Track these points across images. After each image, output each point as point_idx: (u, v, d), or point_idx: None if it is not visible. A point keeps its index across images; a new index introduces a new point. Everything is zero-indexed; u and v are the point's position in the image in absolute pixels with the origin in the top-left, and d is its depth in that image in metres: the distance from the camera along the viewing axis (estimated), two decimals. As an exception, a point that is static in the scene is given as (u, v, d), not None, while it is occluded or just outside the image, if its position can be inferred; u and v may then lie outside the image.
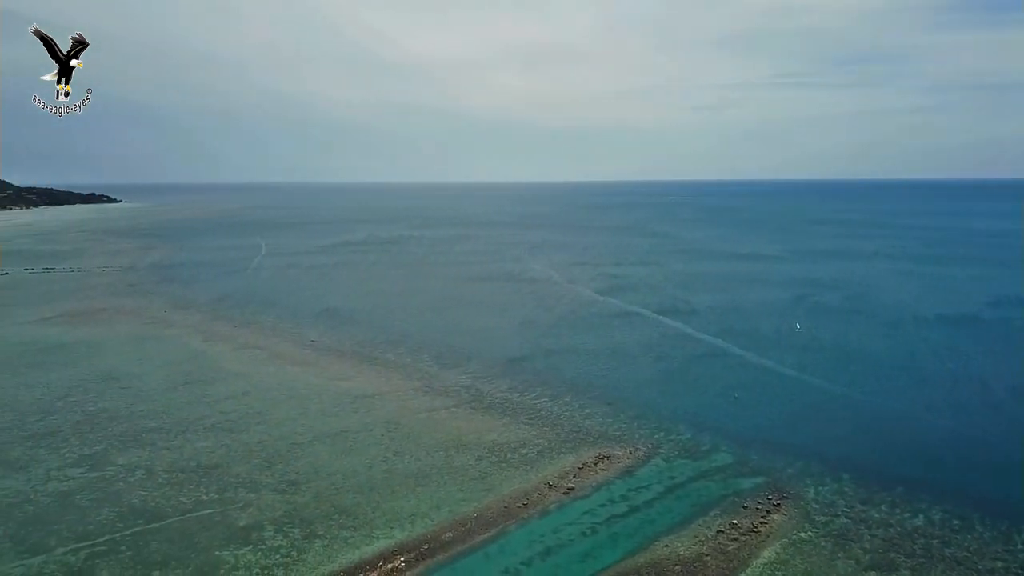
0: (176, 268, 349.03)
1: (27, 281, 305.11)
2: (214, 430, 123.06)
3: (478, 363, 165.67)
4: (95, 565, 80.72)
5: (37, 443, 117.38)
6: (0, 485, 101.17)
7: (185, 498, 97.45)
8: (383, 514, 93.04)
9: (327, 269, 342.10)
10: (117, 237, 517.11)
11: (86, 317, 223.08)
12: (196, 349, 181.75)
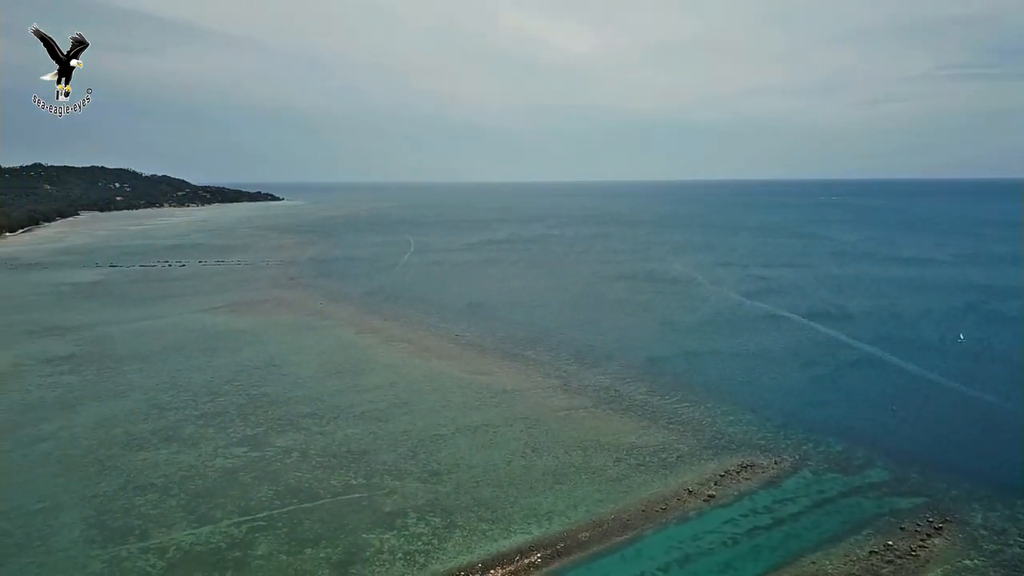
0: (332, 263, 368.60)
1: (201, 273, 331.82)
2: (363, 418, 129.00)
3: (617, 363, 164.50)
4: (255, 539, 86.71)
5: (207, 422, 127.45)
6: (176, 459, 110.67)
7: (336, 481, 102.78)
8: (521, 509, 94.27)
9: (471, 266, 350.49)
10: (279, 233, 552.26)
11: (251, 307, 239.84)
12: (348, 340, 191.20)
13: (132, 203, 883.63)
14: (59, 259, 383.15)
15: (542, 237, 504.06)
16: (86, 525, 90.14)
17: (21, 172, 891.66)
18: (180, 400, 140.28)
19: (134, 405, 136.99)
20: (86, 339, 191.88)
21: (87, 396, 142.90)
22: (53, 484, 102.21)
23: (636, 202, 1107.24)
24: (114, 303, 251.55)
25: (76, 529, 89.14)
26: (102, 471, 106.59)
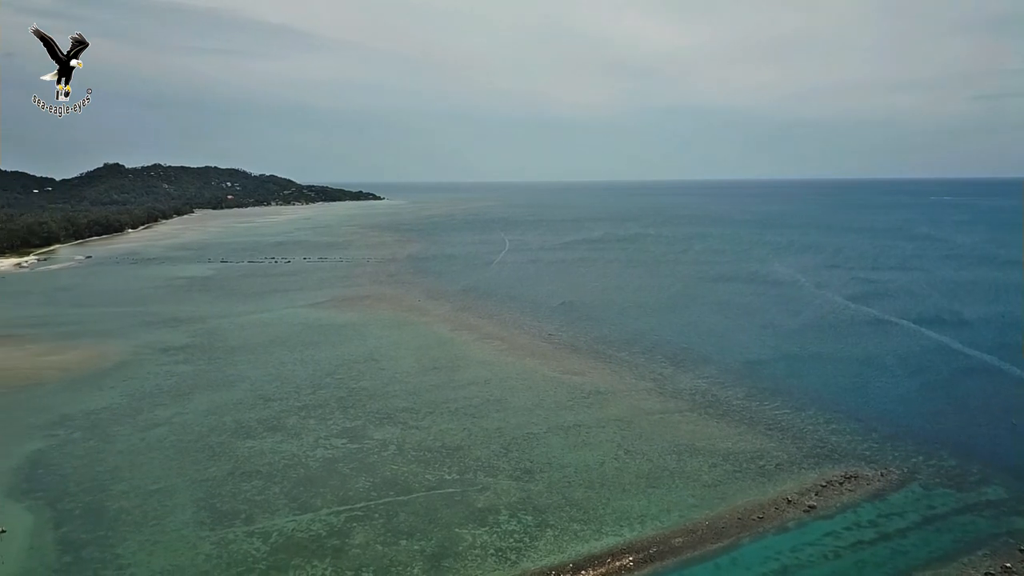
0: (429, 260, 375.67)
1: (305, 269, 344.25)
2: (458, 414, 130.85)
3: (715, 366, 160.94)
4: (352, 528, 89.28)
5: (309, 414, 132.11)
6: (279, 448, 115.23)
7: (430, 475, 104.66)
8: (613, 511, 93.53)
9: (566, 265, 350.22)
10: (379, 231, 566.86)
11: (351, 303, 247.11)
12: (444, 337, 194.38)
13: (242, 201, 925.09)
14: (175, 254, 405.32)
15: (639, 236, 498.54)
16: (197, 507, 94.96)
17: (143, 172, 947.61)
18: (284, 391, 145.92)
19: (242, 395, 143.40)
20: (199, 331, 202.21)
21: (199, 385, 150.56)
22: (167, 467, 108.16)
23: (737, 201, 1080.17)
24: (225, 297, 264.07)
25: (188, 511, 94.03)
26: (212, 457, 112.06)
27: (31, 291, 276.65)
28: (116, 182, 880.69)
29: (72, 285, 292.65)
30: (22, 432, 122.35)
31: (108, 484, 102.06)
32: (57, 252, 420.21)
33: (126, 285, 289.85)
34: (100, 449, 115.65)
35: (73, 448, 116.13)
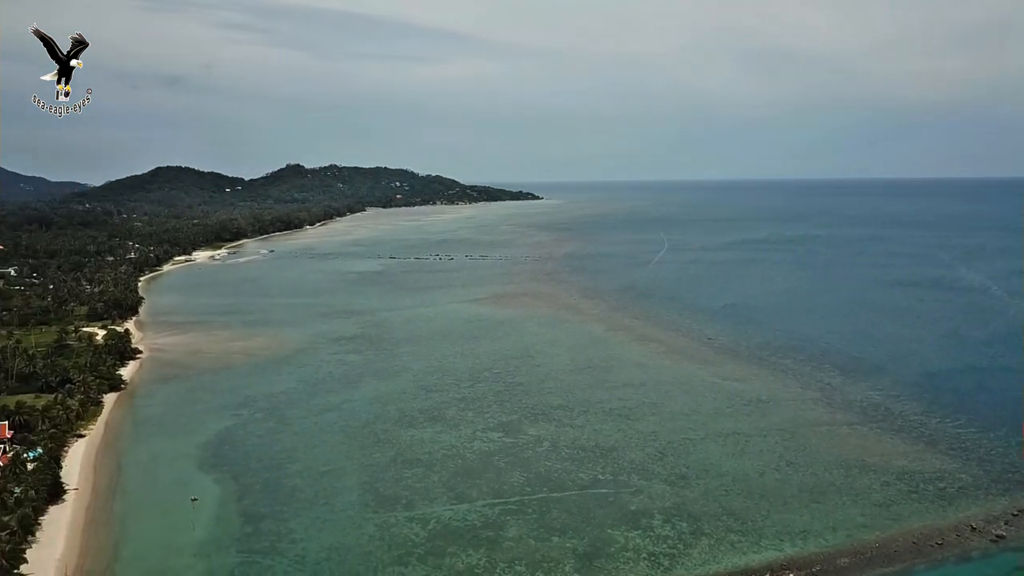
0: (586, 259, 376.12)
1: (467, 266, 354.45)
2: (612, 415, 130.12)
3: (889, 377, 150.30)
4: (506, 521, 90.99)
5: (467, 406, 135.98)
6: (439, 439, 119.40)
7: (584, 474, 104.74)
8: (773, 524, 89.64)
9: (728, 266, 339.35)
10: (537, 230, 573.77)
11: (510, 300, 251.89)
12: (599, 336, 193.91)
13: (409, 200, 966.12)
14: (348, 250, 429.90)
15: (808, 238, 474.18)
16: (362, 490, 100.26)
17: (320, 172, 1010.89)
18: (445, 383, 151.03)
19: (405, 385, 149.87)
20: (368, 323, 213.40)
21: (367, 374, 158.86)
22: (336, 450, 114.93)
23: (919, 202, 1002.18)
24: (392, 291, 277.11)
25: (354, 493, 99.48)
26: (377, 443, 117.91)
27: (222, 282, 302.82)
28: (297, 182, 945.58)
29: (257, 277, 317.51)
30: (213, 411, 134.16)
31: (284, 463, 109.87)
32: (245, 246, 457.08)
33: (304, 278, 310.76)
34: (278, 430, 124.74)
35: (255, 428, 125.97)
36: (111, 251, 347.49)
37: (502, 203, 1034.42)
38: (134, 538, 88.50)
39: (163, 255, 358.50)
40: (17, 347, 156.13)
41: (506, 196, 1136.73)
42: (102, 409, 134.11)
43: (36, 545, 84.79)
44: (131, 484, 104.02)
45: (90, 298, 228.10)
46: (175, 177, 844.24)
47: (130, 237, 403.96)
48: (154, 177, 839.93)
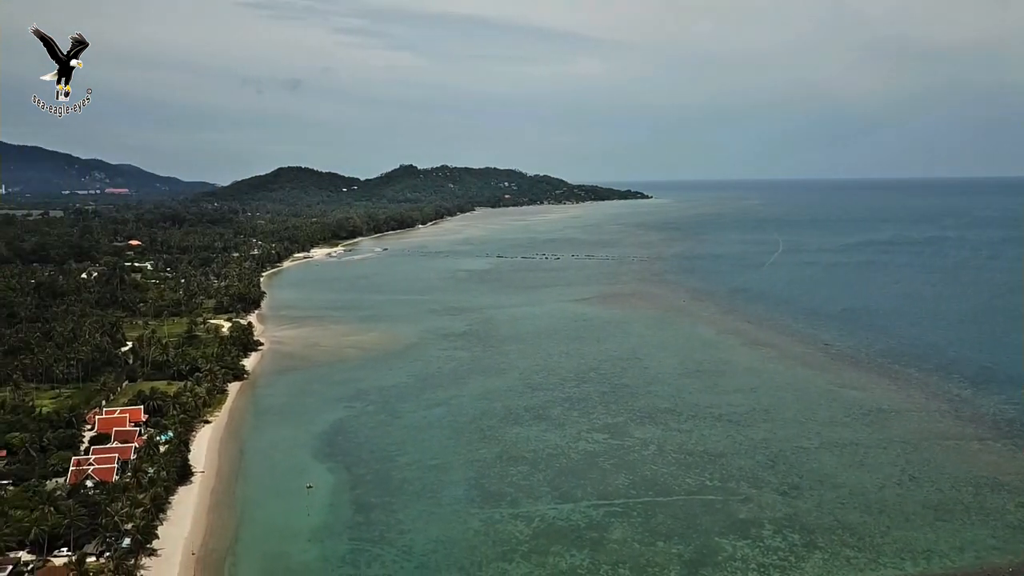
0: (696, 260, 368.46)
1: (573, 265, 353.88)
2: (721, 420, 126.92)
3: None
4: (610, 523, 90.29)
5: (572, 406, 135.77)
6: (544, 437, 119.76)
7: (691, 480, 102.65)
8: (893, 541, 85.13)
9: (847, 269, 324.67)
10: (645, 230, 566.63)
11: (616, 300, 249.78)
12: (709, 339, 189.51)
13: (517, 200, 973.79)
14: (458, 248, 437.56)
15: (936, 239, 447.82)
16: (468, 486, 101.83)
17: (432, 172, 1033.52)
18: (550, 382, 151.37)
19: (511, 383, 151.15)
20: (476, 320, 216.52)
21: (474, 370, 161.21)
22: (444, 445, 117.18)
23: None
24: (499, 289, 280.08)
25: (460, 488, 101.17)
26: (483, 439, 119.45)
27: (338, 278, 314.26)
28: (409, 182, 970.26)
29: (371, 274, 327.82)
30: (328, 402, 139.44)
31: (394, 455, 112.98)
32: (360, 244, 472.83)
33: (415, 275, 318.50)
34: (389, 423, 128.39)
35: (367, 420, 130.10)
36: (236, 247, 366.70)
37: (610, 202, 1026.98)
38: (254, 521, 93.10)
39: (284, 252, 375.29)
40: (152, 337, 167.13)
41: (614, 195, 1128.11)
42: (226, 397, 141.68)
43: (166, 523, 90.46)
44: (252, 469, 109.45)
45: (217, 292, 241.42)
46: (295, 177, 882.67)
47: (254, 234, 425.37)
48: (276, 177, 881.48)
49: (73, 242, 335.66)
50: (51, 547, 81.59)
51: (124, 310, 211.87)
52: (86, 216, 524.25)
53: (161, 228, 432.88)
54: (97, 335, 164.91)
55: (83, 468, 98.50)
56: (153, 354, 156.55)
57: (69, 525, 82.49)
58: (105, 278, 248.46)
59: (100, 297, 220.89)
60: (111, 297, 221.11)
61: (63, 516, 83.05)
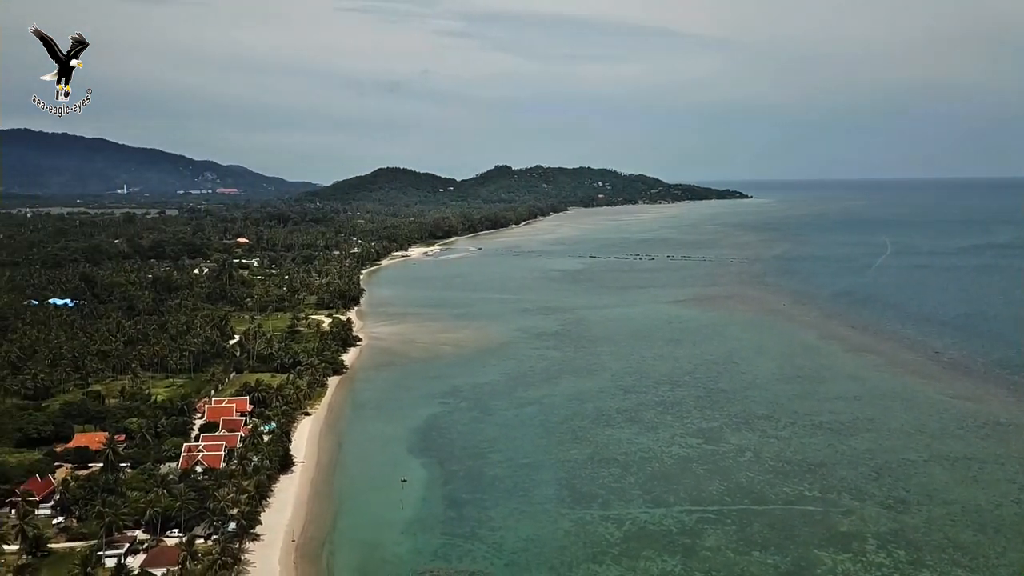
0: (797, 262, 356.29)
1: (668, 266, 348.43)
2: (821, 428, 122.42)
3: None
4: (704, 530, 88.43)
5: (666, 410, 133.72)
6: (636, 440, 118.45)
7: (788, 488, 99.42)
8: (1010, 563, 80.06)
9: (962, 273, 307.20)
10: (744, 230, 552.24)
11: (713, 302, 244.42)
12: (810, 344, 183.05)
13: (611, 200, 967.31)
14: (550, 248, 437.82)
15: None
16: (559, 486, 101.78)
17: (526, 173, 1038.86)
18: (643, 385, 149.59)
19: (603, 384, 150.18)
20: (568, 320, 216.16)
21: (566, 371, 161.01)
22: (535, 444, 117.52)
23: None
24: (592, 290, 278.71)
25: (551, 487, 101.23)
26: (574, 439, 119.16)
27: (434, 276, 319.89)
28: (504, 182, 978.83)
29: (465, 272, 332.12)
30: (422, 398, 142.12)
31: (486, 452, 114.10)
32: (455, 243, 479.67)
33: (509, 275, 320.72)
34: (481, 420, 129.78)
35: (460, 416, 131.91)
36: (337, 246, 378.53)
37: (707, 202, 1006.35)
38: (350, 511, 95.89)
39: (382, 250, 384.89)
40: (258, 331, 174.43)
41: (712, 195, 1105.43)
42: (326, 390, 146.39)
43: (268, 510, 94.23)
44: (349, 461, 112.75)
45: (318, 289, 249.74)
46: (394, 178, 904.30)
47: (354, 233, 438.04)
48: (375, 178, 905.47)
49: (187, 239, 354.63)
50: (164, 528, 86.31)
51: (232, 305, 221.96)
52: (198, 215, 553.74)
53: (267, 227, 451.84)
54: (208, 328, 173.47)
55: (193, 454, 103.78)
56: (258, 347, 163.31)
57: (180, 508, 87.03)
58: (215, 274, 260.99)
59: (210, 292, 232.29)
60: (220, 292, 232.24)
61: (175, 499, 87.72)
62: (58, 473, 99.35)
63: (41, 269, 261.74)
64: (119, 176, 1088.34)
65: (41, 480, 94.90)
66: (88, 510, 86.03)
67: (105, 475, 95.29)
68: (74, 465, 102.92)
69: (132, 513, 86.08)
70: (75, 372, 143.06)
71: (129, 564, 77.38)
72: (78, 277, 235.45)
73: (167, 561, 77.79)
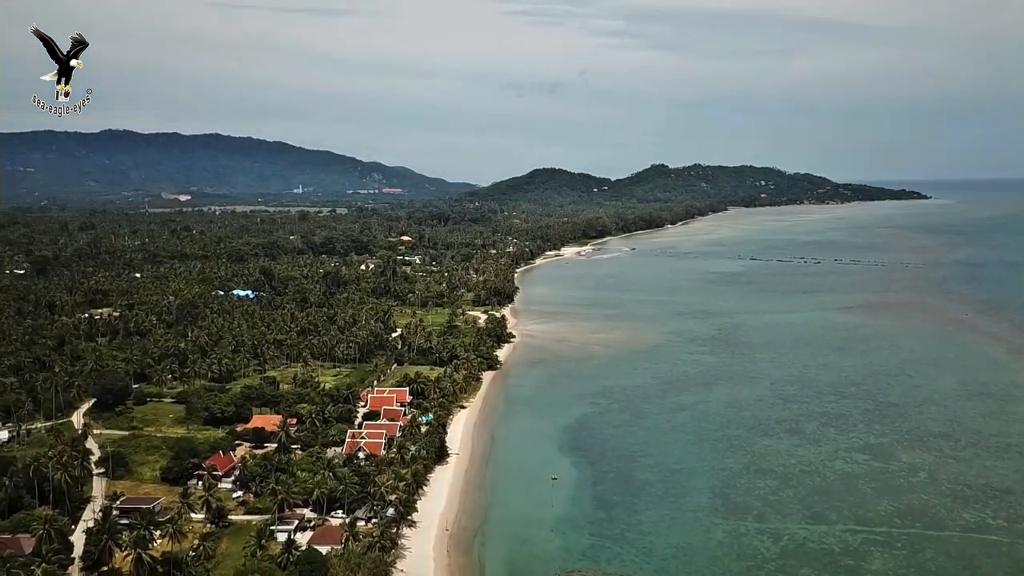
0: (983, 268, 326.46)
1: (835, 270, 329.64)
2: (1009, 451, 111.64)
3: None
4: (869, 552, 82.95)
5: (829, 422, 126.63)
6: (796, 452, 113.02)
7: (968, 515, 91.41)
8: None
9: None
10: (921, 233, 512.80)
11: (884, 309, 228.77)
12: (997, 359, 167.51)
13: (774, 200, 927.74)
14: (708, 250, 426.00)
15: None
16: (711, 494, 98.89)
17: (684, 172, 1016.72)
18: (805, 395, 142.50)
19: (762, 392, 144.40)
20: (724, 324, 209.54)
21: (721, 377, 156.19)
22: (688, 450, 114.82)
23: None
24: (751, 294, 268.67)
25: (703, 495, 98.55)
26: (729, 448, 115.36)
27: (586, 276, 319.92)
28: (660, 181, 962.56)
29: (618, 273, 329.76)
30: (573, 397, 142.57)
31: (637, 455, 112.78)
32: (608, 243, 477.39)
33: (663, 276, 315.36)
34: (632, 423, 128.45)
35: (611, 417, 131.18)
36: (494, 245, 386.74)
37: (880, 203, 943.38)
38: (502, 505, 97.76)
39: (536, 250, 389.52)
40: (418, 325, 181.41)
41: (886, 195, 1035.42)
42: (481, 385, 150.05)
43: (424, 498, 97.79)
44: (501, 456, 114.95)
45: (475, 286, 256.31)
46: (550, 178, 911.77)
47: (509, 233, 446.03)
48: (531, 178, 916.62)
49: (354, 237, 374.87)
50: (329, 508, 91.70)
51: (395, 299, 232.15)
52: (366, 214, 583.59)
53: (428, 226, 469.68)
54: (372, 321, 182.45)
55: (357, 441, 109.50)
56: (418, 341, 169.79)
57: (343, 490, 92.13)
58: (380, 270, 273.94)
59: (375, 287, 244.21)
60: (385, 287, 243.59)
61: (339, 482, 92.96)
62: (238, 451, 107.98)
63: (227, 262, 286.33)
64: (296, 177, 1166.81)
65: (223, 456, 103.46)
66: (263, 487, 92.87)
67: (278, 455, 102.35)
68: (252, 444, 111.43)
69: (301, 493, 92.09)
70: (254, 358, 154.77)
71: (297, 540, 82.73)
72: (258, 270, 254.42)
73: (331, 540, 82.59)
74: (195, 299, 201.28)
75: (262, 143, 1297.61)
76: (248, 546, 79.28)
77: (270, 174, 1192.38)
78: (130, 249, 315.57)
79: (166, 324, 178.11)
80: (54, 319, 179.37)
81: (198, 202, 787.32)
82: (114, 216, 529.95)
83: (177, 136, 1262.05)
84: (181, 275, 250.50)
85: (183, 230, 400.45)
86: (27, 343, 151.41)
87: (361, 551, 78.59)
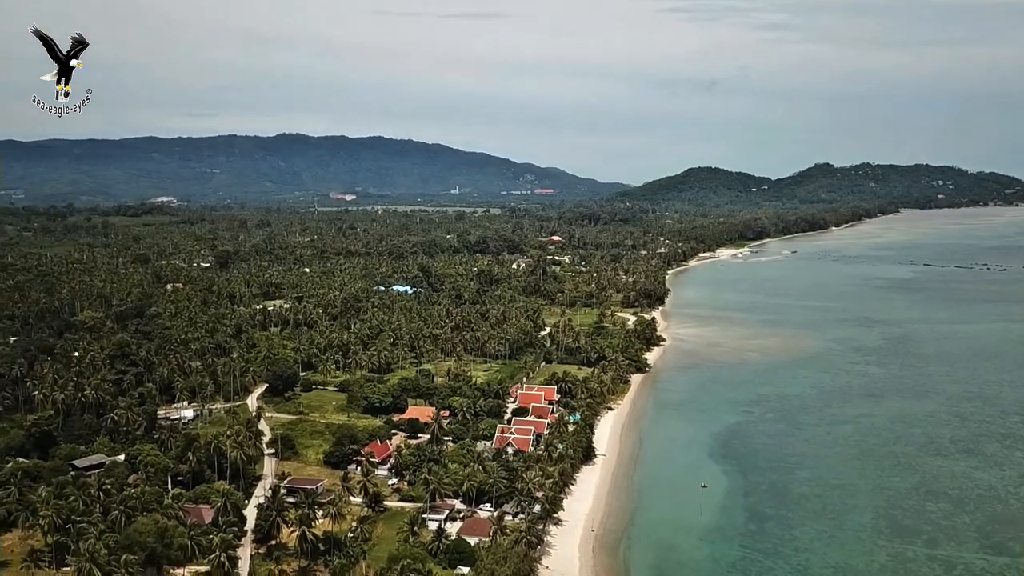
0: None
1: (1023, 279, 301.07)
2: None
3: None
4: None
5: (1015, 444, 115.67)
6: (974, 475, 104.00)
7: None
8: None
9: None
10: None
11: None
12: None
13: (954, 201, 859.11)
14: (876, 254, 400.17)
15: None
16: (875, 514, 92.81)
17: (851, 171, 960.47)
18: (985, 413, 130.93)
19: (935, 408, 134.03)
20: (893, 334, 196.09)
21: (889, 390, 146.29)
22: (849, 465, 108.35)
23: None
24: (924, 302, 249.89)
25: (866, 514, 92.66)
26: (896, 466, 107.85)
27: (742, 279, 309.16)
28: (824, 181, 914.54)
29: (777, 277, 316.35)
30: (726, 404, 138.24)
31: (793, 468, 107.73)
32: (767, 245, 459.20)
33: (825, 281, 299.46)
34: (788, 433, 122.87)
35: (765, 427, 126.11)
36: (644, 245, 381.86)
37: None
38: (648, 509, 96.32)
39: (689, 251, 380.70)
40: (567, 324, 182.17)
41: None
42: (629, 387, 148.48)
43: (570, 497, 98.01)
44: (649, 459, 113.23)
45: (625, 287, 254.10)
46: (705, 178, 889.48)
47: (661, 233, 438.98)
48: (686, 177, 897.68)
49: (507, 236, 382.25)
50: (478, 500, 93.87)
51: (544, 298, 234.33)
52: (518, 214, 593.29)
53: (579, 226, 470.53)
54: (522, 319, 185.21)
55: (505, 436, 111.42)
56: (566, 340, 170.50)
57: (492, 484, 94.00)
58: (531, 269, 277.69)
59: (526, 285, 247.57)
60: (535, 286, 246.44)
61: (488, 475, 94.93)
62: (394, 440, 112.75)
63: (388, 259, 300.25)
64: (453, 178, 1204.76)
65: (380, 444, 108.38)
66: (416, 476, 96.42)
67: (431, 446, 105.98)
68: (407, 434, 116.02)
69: (452, 484, 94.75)
70: (411, 351, 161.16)
71: (447, 529, 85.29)
72: (416, 267, 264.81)
73: (480, 531, 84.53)
74: (358, 294, 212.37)
75: (422, 145, 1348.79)
76: (402, 532, 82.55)
77: (429, 175, 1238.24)
78: (300, 245, 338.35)
79: (331, 316, 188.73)
80: (233, 309, 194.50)
81: (362, 202, 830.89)
82: (287, 214, 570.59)
83: (344, 139, 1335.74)
84: (346, 271, 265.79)
85: (348, 228, 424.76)
86: (211, 330, 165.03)
87: (508, 545, 79.89)
